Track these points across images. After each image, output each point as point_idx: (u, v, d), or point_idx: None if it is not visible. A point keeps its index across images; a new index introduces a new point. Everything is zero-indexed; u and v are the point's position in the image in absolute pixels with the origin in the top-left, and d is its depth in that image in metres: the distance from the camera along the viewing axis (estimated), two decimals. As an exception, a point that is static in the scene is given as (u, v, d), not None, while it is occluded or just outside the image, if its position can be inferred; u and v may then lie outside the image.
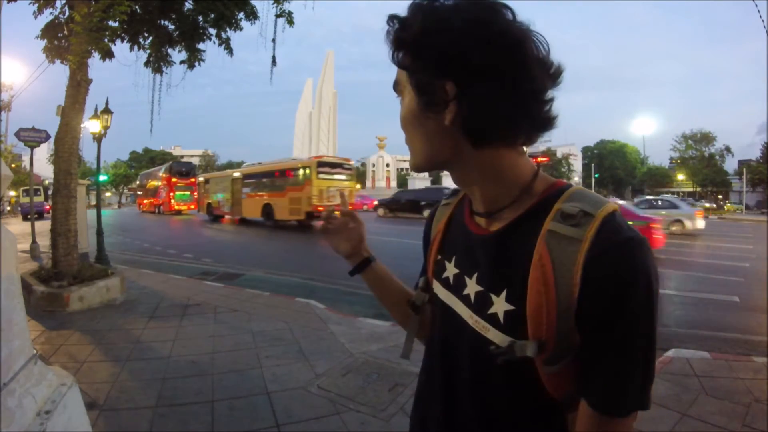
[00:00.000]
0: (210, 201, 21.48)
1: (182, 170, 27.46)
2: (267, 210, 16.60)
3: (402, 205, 20.35)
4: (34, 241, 8.21)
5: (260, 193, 17.43)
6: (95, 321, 4.28)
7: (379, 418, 2.48)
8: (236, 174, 19.91)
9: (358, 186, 28.28)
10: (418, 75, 0.56)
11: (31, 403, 1.06)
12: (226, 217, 19.85)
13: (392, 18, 0.57)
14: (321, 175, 15.08)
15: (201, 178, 24.43)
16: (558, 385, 0.53)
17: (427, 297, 0.75)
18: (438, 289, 0.69)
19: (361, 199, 26.93)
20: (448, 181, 32.83)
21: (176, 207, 25.89)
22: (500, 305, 0.56)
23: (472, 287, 0.61)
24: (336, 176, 15.71)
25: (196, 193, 25.25)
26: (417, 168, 0.62)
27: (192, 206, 25.60)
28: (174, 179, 26.51)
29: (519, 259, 0.54)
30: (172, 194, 26.17)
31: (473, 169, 0.59)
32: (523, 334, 0.52)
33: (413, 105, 0.58)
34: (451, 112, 0.54)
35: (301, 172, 15.58)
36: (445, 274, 0.68)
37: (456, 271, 0.65)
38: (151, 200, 28.94)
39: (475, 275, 0.61)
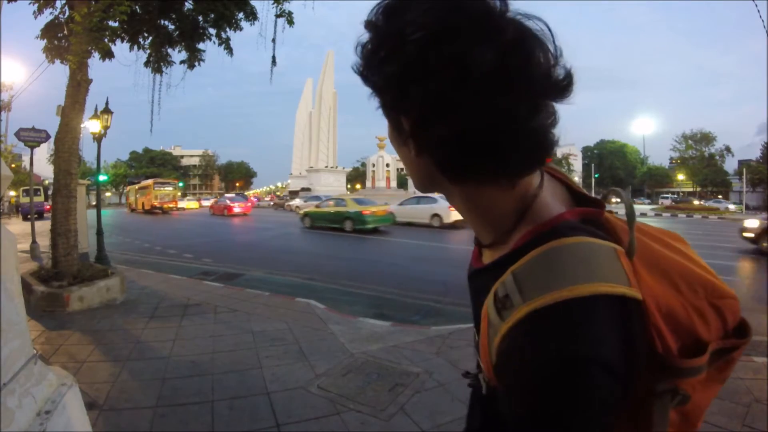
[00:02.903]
0: (129, 201, 37.10)
1: (134, 182, 41.38)
2: (143, 205, 31.11)
3: None
4: (34, 241, 8.21)
5: (141, 197, 32.34)
6: (95, 321, 4.28)
7: (379, 418, 2.48)
8: (136, 186, 35.26)
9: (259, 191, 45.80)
10: (379, 99, 0.47)
11: (31, 403, 1.06)
12: (137, 210, 32.58)
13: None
14: (156, 188, 31.37)
15: (125, 189, 42.73)
16: None
17: None
18: None
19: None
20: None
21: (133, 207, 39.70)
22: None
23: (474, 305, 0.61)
24: (165, 188, 32.06)
25: None
26: (416, 189, 0.55)
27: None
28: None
29: (480, 307, 0.49)
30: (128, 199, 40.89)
31: (457, 202, 0.52)
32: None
33: (388, 129, 0.50)
34: (412, 147, 0.46)
35: (149, 186, 31.72)
36: None
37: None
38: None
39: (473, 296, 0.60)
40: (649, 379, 0.42)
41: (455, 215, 14.07)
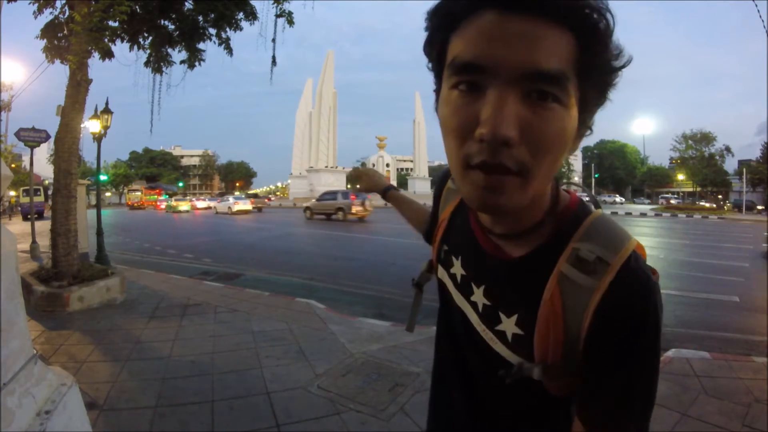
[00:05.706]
0: (128, 199, 49.18)
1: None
2: (134, 204, 43.38)
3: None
4: (34, 241, 8.20)
5: (131, 196, 47.32)
6: (95, 321, 4.28)
7: (379, 418, 2.48)
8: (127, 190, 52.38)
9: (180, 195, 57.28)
10: (597, 86, 0.49)
11: (31, 403, 1.06)
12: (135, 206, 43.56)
13: None
14: (129, 193, 49.42)
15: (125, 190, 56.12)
16: (560, 390, 0.55)
17: (431, 278, 0.79)
18: (446, 279, 0.69)
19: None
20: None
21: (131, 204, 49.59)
22: (509, 326, 0.56)
23: (479, 297, 0.60)
24: (135, 193, 47.05)
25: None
26: (518, 207, 0.47)
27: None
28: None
29: (532, 290, 0.52)
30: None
31: None
32: (528, 355, 0.54)
33: (574, 122, 0.47)
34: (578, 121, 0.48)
35: (125, 193, 54.70)
36: (452, 270, 0.67)
37: (463, 272, 0.64)
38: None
39: (483, 287, 0.60)
40: None
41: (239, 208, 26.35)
